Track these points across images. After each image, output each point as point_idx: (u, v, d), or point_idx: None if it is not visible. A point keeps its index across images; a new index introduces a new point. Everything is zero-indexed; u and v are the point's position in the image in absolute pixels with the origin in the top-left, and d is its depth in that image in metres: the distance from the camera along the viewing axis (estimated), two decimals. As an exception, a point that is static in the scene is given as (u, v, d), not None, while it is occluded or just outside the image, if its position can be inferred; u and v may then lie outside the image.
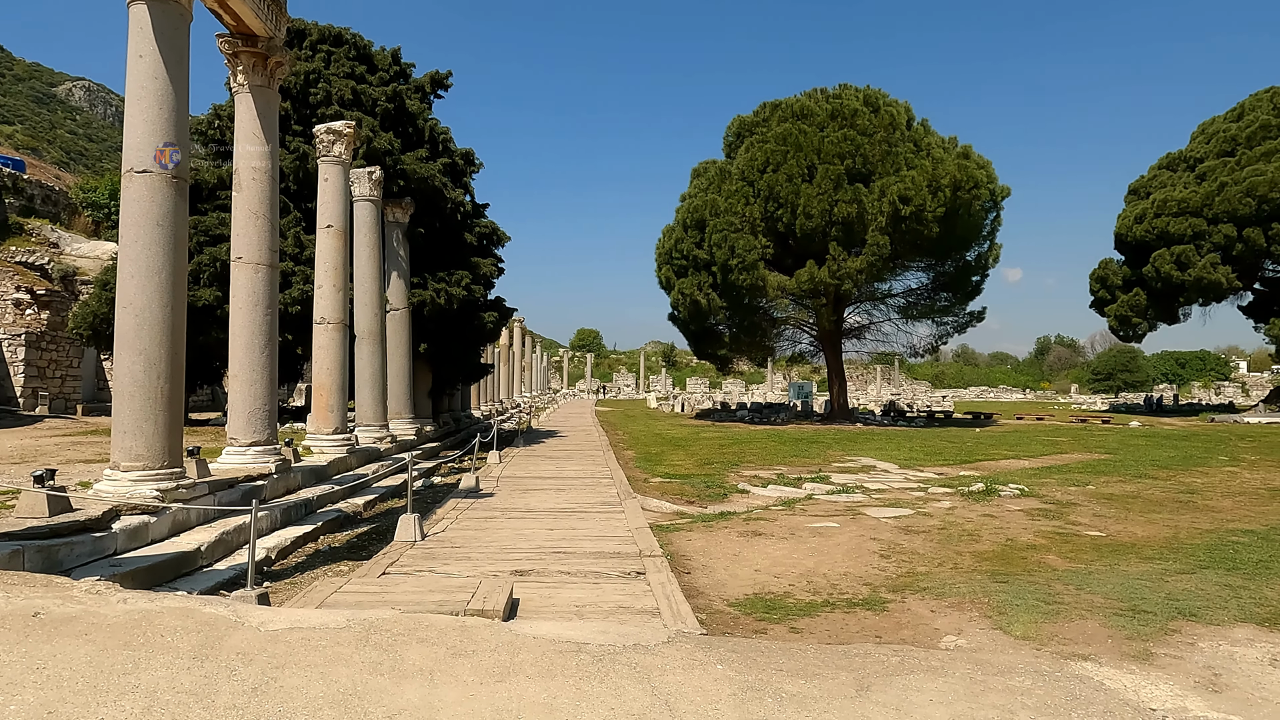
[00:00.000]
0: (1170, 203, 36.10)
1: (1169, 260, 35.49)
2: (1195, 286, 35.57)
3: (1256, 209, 33.12)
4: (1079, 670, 4.56)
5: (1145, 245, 37.11)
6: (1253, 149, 35.13)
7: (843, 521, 9.37)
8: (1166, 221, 35.85)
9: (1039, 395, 75.08)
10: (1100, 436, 23.41)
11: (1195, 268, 34.79)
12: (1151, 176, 40.48)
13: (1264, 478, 13.94)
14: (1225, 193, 34.00)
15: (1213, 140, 38.21)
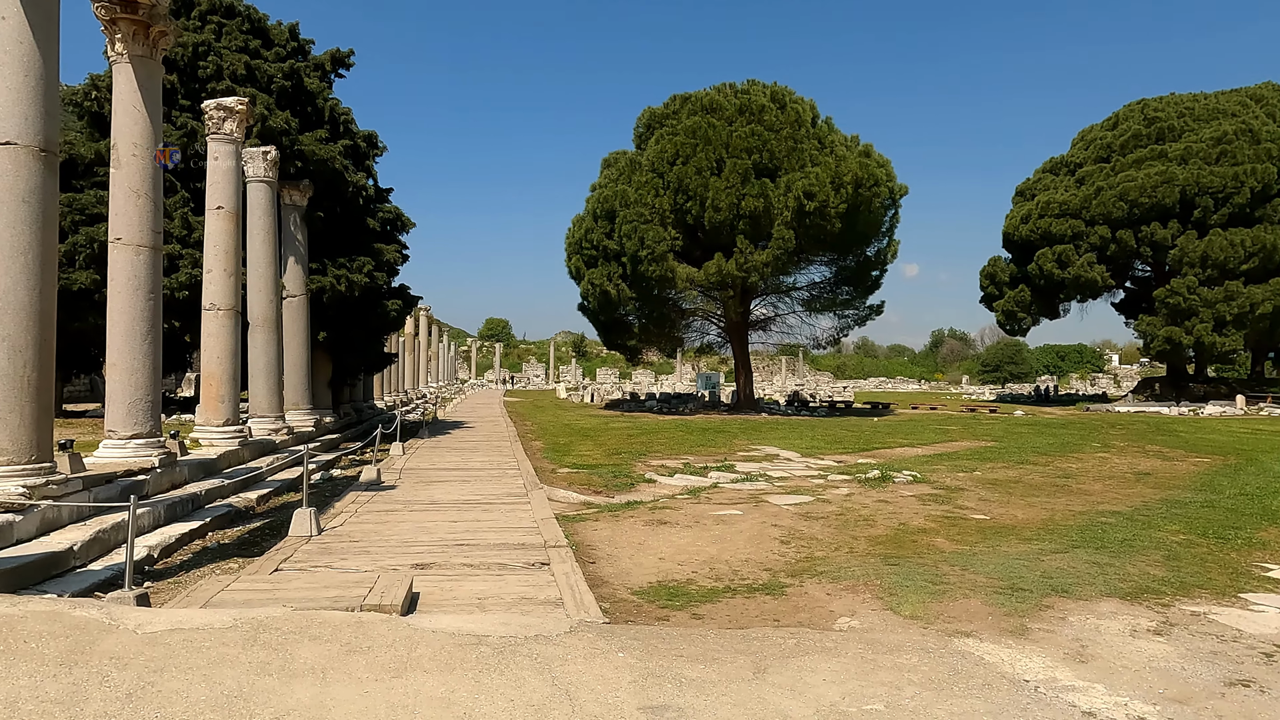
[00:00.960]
0: (1053, 205, 38.30)
1: (1051, 259, 37.66)
2: (1074, 284, 37.89)
3: (1128, 212, 35.50)
4: (962, 646, 4.80)
5: (1030, 244, 39.25)
6: (1125, 156, 37.63)
7: (746, 509, 9.57)
8: (1049, 223, 38.01)
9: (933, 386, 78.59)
10: (987, 425, 24.69)
11: (1074, 266, 37.04)
12: (1037, 179, 42.83)
13: (1130, 462, 15.00)
14: (1101, 196, 36.31)
15: (1091, 147, 40.72)
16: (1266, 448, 17.90)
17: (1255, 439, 20.31)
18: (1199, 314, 34.46)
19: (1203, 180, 34.08)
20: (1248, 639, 5.02)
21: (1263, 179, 33.53)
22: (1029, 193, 42.19)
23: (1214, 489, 11.59)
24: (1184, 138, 36.44)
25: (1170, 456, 16.07)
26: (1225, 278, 34.00)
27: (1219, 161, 34.39)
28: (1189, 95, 40.02)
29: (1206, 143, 35.16)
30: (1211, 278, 34.25)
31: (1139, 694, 4.11)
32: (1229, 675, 4.39)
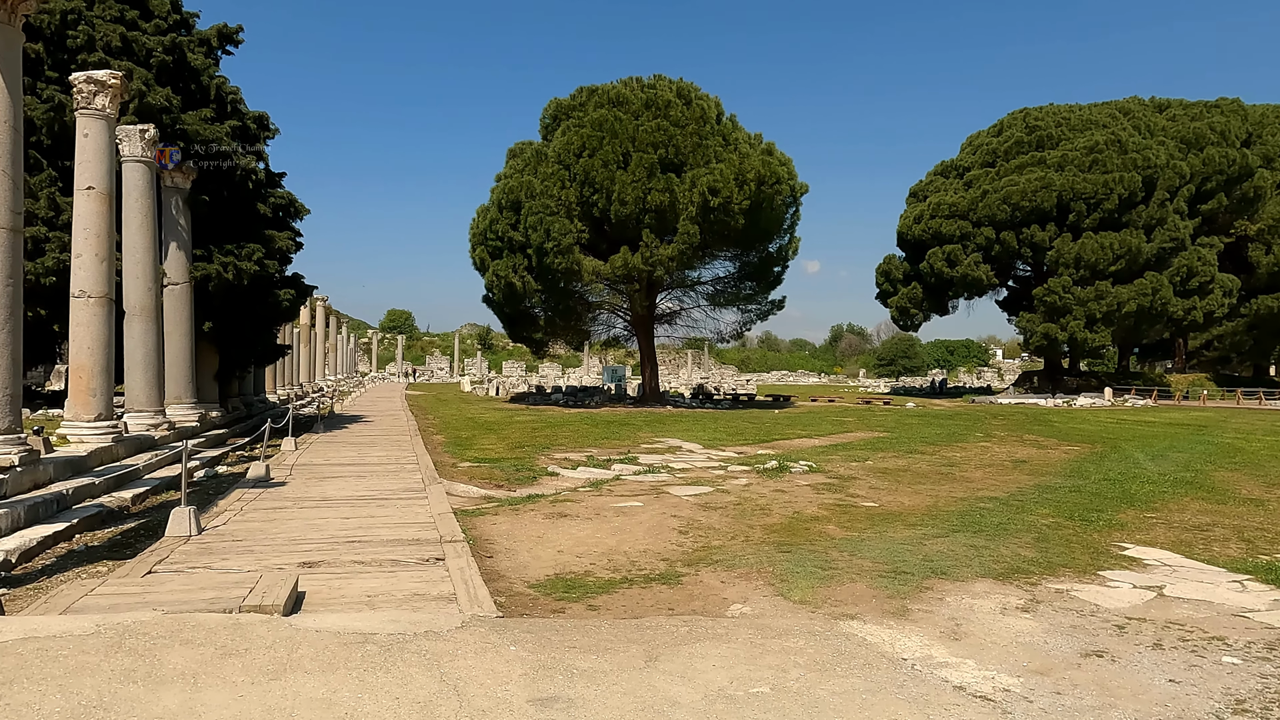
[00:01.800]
0: (943, 206, 40.12)
1: (941, 258, 39.45)
2: (962, 282, 39.83)
3: (1011, 215, 37.55)
4: (846, 629, 4.99)
5: (922, 244, 41.02)
6: (1009, 161, 39.76)
7: (647, 501, 9.65)
8: (939, 223, 39.80)
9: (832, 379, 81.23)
10: (881, 417, 25.71)
11: (962, 265, 38.93)
12: (929, 181, 44.77)
13: (1009, 451, 15.91)
14: (987, 199, 38.26)
15: (978, 152, 42.85)
16: (1128, 436, 19.30)
17: (1119, 428, 21.87)
18: (1073, 312, 36.79)
19: (1077, 186, 36.37)
20: (1104, 613, 5.40)
21: (1129, 187, 36.04)
22: (921, 194, 44.05)
23: (1081, 475, 12.42)
24: (1061, 146, 38.78)
25: (1044, 445, 17.11)
26: (1096, 278, 36.41)
27: (1091, 169, 36.75)
28: (1066, 106, 42.61)
29: (1080, 151, 37.52)
30: (1084, 278, 36.62)
31: (1005, 667, 4.36)
32: (1085, 647, 4.71)
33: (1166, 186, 36.86)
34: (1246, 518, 9.01)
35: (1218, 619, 5.27)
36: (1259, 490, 11.07)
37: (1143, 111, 42.10)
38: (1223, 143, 39.46)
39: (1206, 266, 37.61)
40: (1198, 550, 7.36)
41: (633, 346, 38.17)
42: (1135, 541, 7.69)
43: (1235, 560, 6.98)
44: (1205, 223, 39.29)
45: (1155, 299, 36.17)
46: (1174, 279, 36.80)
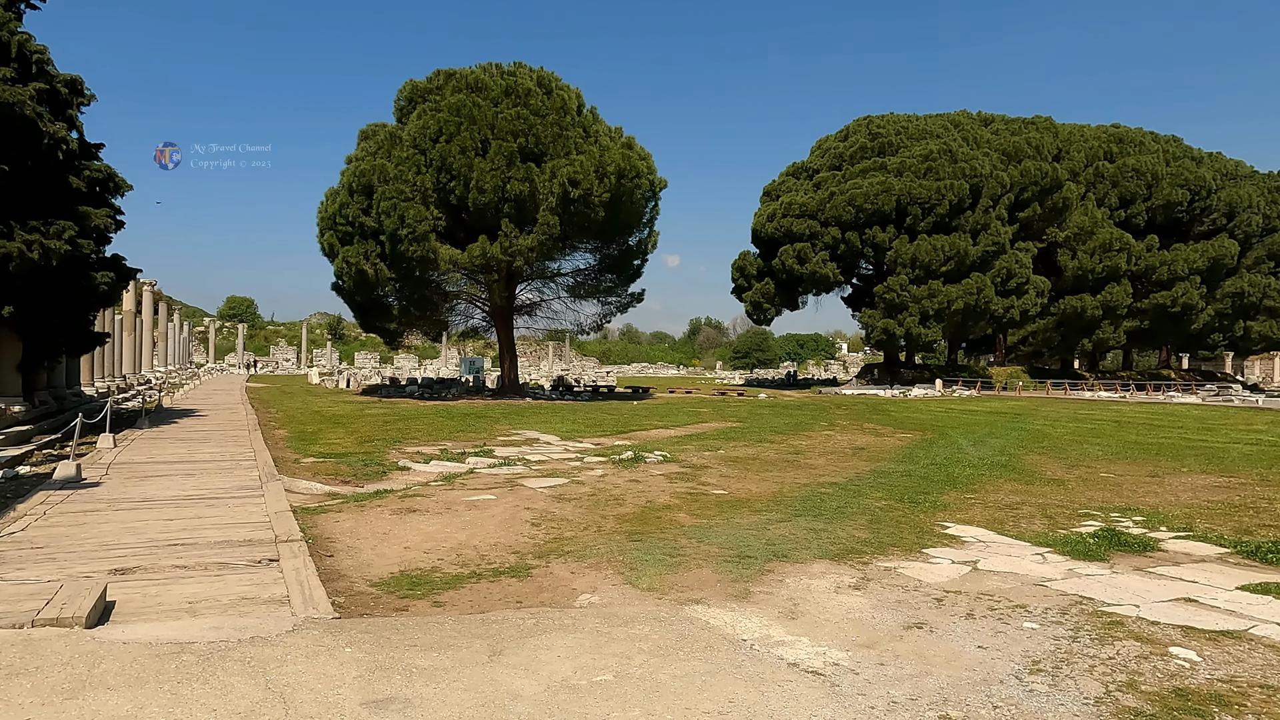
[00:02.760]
0: (794, 206, 41.91)
1: (792, 255, 41.22)
2: (811, 279, 41.79)
3: (856, 216, 39.74)
4: (691, 613, 5.11)
5: (775, 241, 42.69)
6: (854, 165, 42.04)
7: (500, 493, 9.52)
8: (791, 222, 41.56)
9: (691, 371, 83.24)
10: (735, 407, 26.58)
11: (811, 263, 40.83)
12: (781, 181, 46.62)
13: (850, 439, 16.84)
14: (834, 201, 40.30)
15: (826, 155, 45.03)
16: (954, 424, 20.91)
17: (947, 417, 23.65)
18: (909, 308, 39.42)
19: (914, 191, 38.96)
20: (926, 588, 5.81)
21: (959, 194, 38.97)
22: (774, 193, 45.82)
23: (912, 460, 13.33)
24: (900, 153, 41.39)
25: (882, 433, 18.25)
26: (929, 277, 39.17)
27: (926, 176, 39.46)
28: (905, 115, 45.50)
29: (917, 159, 40.20)
30: (919, 277, 39.30)
31: (836, 643, 4.60)
32: (908, 620, 5.05)
33: (990, 194, 40.16)
34: (1049, 496, 9.96)
35: (1021, 589, 5.79)
36: (1061, 471, 12.27)
37: (971, 124, 45.63)
38: (1038, 157, 43.42)
39: (1023, 269, 41.28)
40: (1008, 527, 8.06)
41: (492, 338, 37.55)
42: (956, 520, 8.33)
43: (1039, 535, 7.69)
44: (1022, 229, 43.10)
45: (980, 298, 39.33)
46: (996, 280, 40.15)
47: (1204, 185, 47.11)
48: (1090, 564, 6.55)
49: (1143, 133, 50.40)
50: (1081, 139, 48.61)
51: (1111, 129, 50.41)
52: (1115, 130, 50.24)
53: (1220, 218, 47.56)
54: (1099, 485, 10.96)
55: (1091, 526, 8.04)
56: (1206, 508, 9.26)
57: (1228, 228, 47.44)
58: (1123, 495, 10.14)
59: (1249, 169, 51.74)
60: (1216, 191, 47.60)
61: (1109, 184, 46.64)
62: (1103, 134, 49.61)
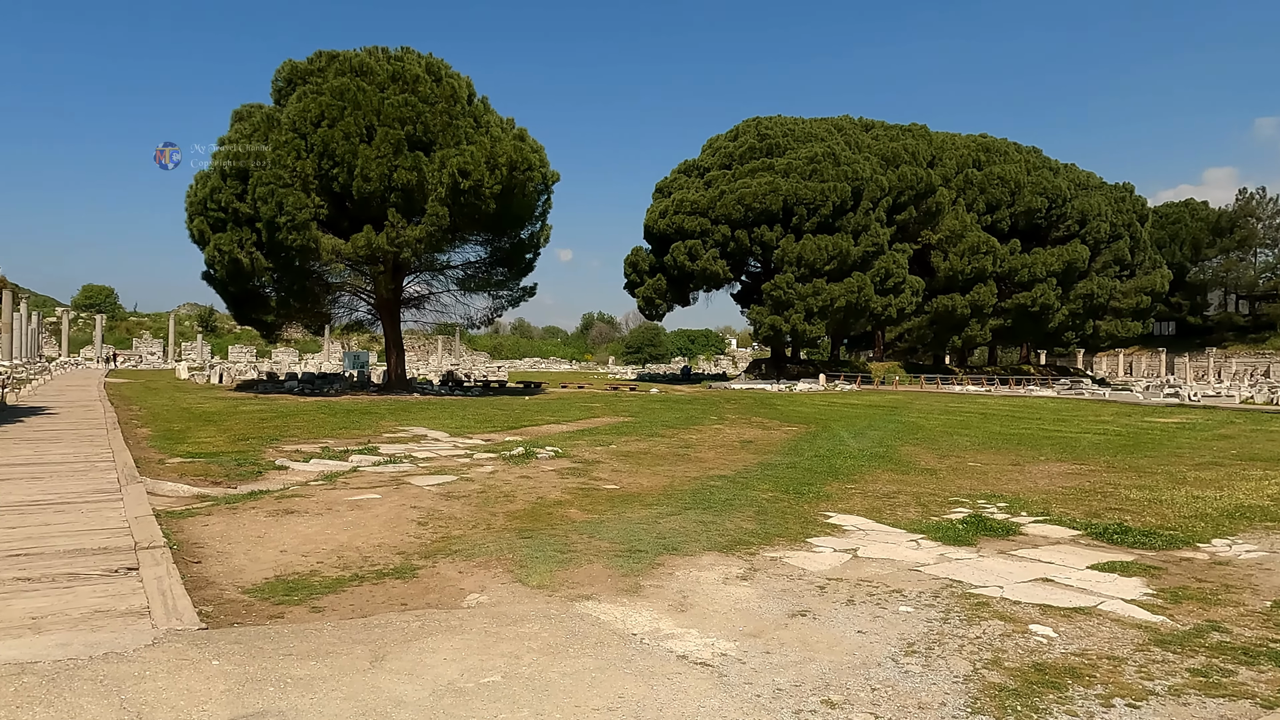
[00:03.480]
0: (686, 203, 42.49)
1: (683, 252, 41.78)
2: (701, 275, 42.50)
3: (745, 215, 40.67)
4: (582, 610, 5.08)
5: (667, 238, 43.17)
6: (744, 165, 43.00)
7: (385, 492, 9.21)
8: (682, 219, 42.13)
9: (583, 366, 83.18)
10: (627, 402, 26.72)
11: (702, 260, 41.52)
12: (673, 179, 47.17)
13: (738, 432, 17.23)
14: (724, 199, 41.11)
15: (717, 154, 45.87)
16: (837, 417, 21.74)
17: (830, 410, 24.57)
18: (795, 306, 40.70)
19: (800, 192, 40.22)
20: (809, 576, 5.99)
21: (841, 196, 40.51)
22: (667, 190, 46.32)
23: (797, 453, 13.76)
24: (787, 154, 42.63)
25: (769, 427, 18.76)
26: (814, 276, 40.55)
27: (811, 178, 40.81)
28: (792, 118, 46.89)
29: (803, 161, 41.51)
30: (804, 275, 40.63)
31: (724, 633, 4.68)
32: (793, 608, 5.19)
33: (870, 197, 41.93)
34: (923, 485, 10.48)
35: (898, 574, 6.06)
36: (934, 461, 12.95)
37: (853, 129, 47.50)
38: (914, 162, 45.66)
39: (900, 269, 43.34)
40: (886, 515, 8.43)
41: (378, 331, 36.33)
42: (838, 510, 8.64)
43: (913, 522, 8.08)
44: (899, 231, 45.24)
45: (861, 296, 41.03)
46: (875, 279, 41.98)
47: (1060, 194, 50.76)
48: (960, 549, 6.93)
49: (1007, 143, 53.82)
50: (953, 147, 51.42)
51: (980, 138, 53.58)
52: (983, 140, 53.44)
53: (1074, 224, 51.35)
54: (967, 474, 11.63)
55: (961, 513, 8.51)
56: (1061, 493, 9.97)
57: (1080, 234, 51.29)
58: (988, 483, 10.79)
59: (1099, 180, 56.10)
60: (1071, 200, 51.37)
61: (977, 190, 49.54)
62: (972, 143, 52.65)
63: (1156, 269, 56.73)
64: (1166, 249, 65.86)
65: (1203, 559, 6.67)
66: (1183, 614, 5.14)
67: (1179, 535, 7.50)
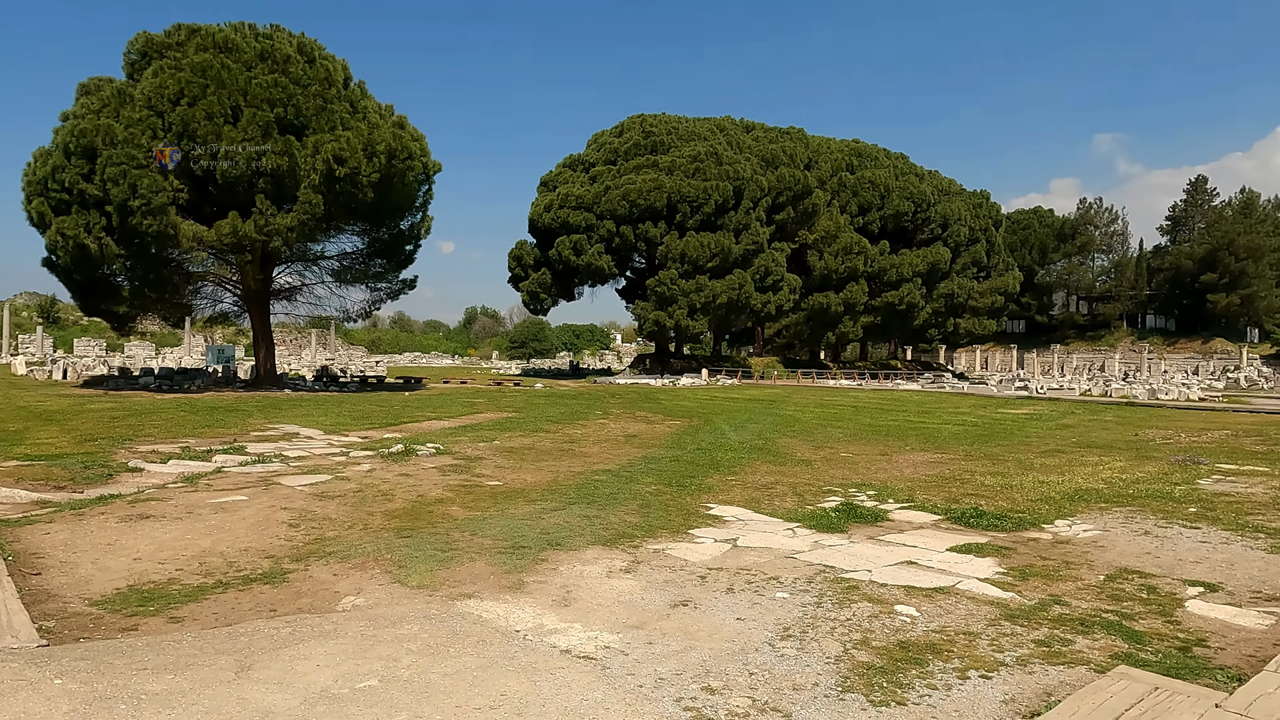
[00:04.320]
0: (571, 197, 42.36)
1: (568, 246, 41.66)
2: (586, 270, 42.49)
3: (629, 211, 40.94)
4: (463, 608, 4.99)
5: (552, 232, 42.91)
6: (629, 161, 43.27)
7: (253, 493, 8.74)
8: (568, 213, 41.97)
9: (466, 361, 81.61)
10: (511, 397, 26.42)
11: (587, 255, 41.51)
12: (558, 173, 46.92)
13: (623, 427, 17.36)
14: (609, 195, 41.24)
15: (602, 150, 45.95)
16: (718, 411, 22.26)
17: (712, 404, 25.12)
18: (678, 301, 41.34)
19: (683, 190, 40.85)
20: (691, 567, 6.11)
21: (724, 195, 41.42)
22: (552, 184, 46.03)
23: (680, 446, 14.00)
24: (671, 152, 43.20)
25: (653, 421, 18.99)
26: (697, 273, 41.31)
27: (695, 176, 41.52)
28: (676, 116, 47.53)
29: (686, 159, 42.17)
30: (688, 272, 41.32)
31: (607, 626, 4.71)
32: (675, 598, 5.29)
33: (751, 196, 43.09)
34: (799, 476, 10.89)
35: (775, 562, 6.28)
36: (809, 452, 13.47)
37: (734, 130, 48.64)
38: (792, 164, 47.22)
39: (779, 267, 44.76)
40: (764, 505, 8.71)
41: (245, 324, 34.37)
42: (719, 501, 8.86)
43: (790, 511, 8.38)
44: (778, 230, 46.70)
45: (742, 293, 42.12)
46: (755, 276, 43.19)
47: (925, 199, 53.76)
48: (833, 535, 7.24)
49: (878, 149, 56.52)
50: (828, 151, 53.52)
51: (853, 143, 56.02)
52: (856, 145, 55.90)
53: (937, 228, 54.52)
54: (840, 464, 12.16)
55: (834, 502, 8.90)
56: (925, 481, 10.59)
57: (942, 237, 54.50)
58: (859, 473, 11.32)
59: (959, 187, 59.77)
60: (934, 205, 54.50)
61: (850, 193, 51.78)
62: (846, 147, 54.97)
63: (1009, 271, 61.02)
64: (1018, 253, 70.96)
65: (1047, 539, 7.24)
66: (1029, 590, 5.57)
67: (1026, 518, 8.11)
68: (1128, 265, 76.94)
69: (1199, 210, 75.27)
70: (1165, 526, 7.73)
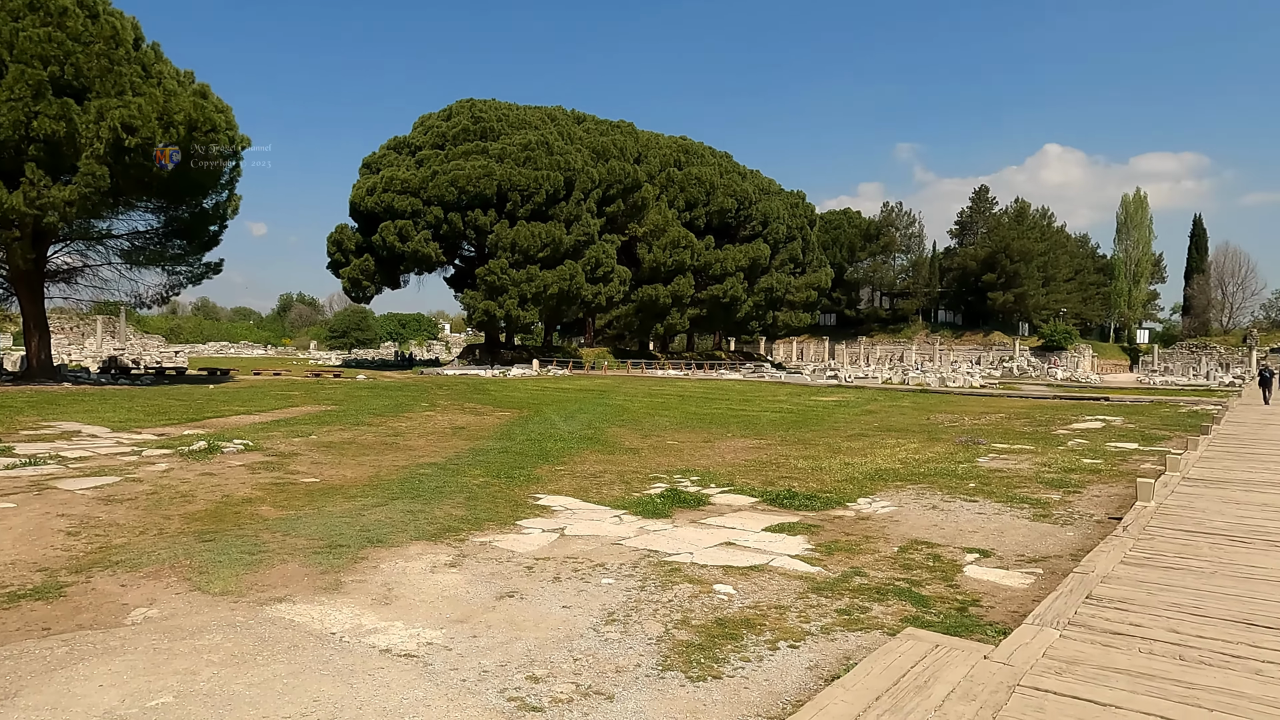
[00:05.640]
0: (396, 181, 40.69)
1: (393, 232, 40.03)
2: (413, 257, 41.04)
3: (459, 198, 39.93)
4: (273, 613, 4.71)
5: (376, 216, 41.04)
6: (457, 146, 42.16)
7: (23, 500, 7.77)
8: (392, 198, 40.30)
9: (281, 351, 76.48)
10: (330, 390, 25.06)
11: (413, 241, 40.08)
12: (382, 155, 44.91)
13: (451, 419, 16.96)
14: (437, 180, 40.01)
15: (429, 133, 44.47)
16: (549, 401, 22.26)
17: (543, 394, 25.08)
18: (509, 291, 40.86)
19: (514, 178, 40.36)
20: (518, 558, 6.09)
21: (555, 185, 41.33)
22: (375, 166, 44.00)
23: (509, 437, 13.88)
24: (501, 139, 42.54)
25: (482, 412, 18.69)
26: (528, 262, 41.00)
27: (526, 165, 41.14)
28: (506, 103, 46.84)
29: (518, 147, 41.68)
30: (518, 261, 40.92)
31: (430, 622, 4.61)
32: (501, 590, 5.25)
33: (582, 188, 43.28)
34: (627, 464, 11.12)
35: (602, 549, 6.38)
36: (637, 441, 13.78)
37: (566, 120, 48.63)
38: (622, 158, 47.87)
39: (610, 259, 45.31)
40: (592, 494, 8.82)
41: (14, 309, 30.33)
42: (547, 492, 8.88)
43: (617, 499, 8.55)
44: (609, 222, 47.26)
45: (573, 284, 42.27)
46: (587, 268, 43.48)
47: (747, 197, 56.28)
48: (658, 521, 7.46)
49: (704, 146, 58.49)
50: (657, 146, 54.74)
51: (680, 140, 57.62)
52: (683, 142, 57.54)
53: (758, 225, 57.26)
54: (666, 452, 12.54)
55: (659, 488, 9.16)
56: (744, 466, 11.14)
57: (763, 234, 57.31)
58: (684, 459, 11.72)
59: (779, 187, 63.08)
60: (756, 203, 57.18)
61: (678, 188, 53.26)
62: (674, 144, 56.45)
63: (822, 268, 65.21)
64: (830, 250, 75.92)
65: (850, 516, 7.84)
66: (834, 564, 6.01)
67: (834, 497, 8.74)
68: (923, 265, 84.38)
69: (982, 217, 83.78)
70: (949, 501, 8.58)
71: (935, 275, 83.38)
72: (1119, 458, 12.18)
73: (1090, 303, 78.85)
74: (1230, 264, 73.77)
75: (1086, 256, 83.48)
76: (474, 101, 45.96)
